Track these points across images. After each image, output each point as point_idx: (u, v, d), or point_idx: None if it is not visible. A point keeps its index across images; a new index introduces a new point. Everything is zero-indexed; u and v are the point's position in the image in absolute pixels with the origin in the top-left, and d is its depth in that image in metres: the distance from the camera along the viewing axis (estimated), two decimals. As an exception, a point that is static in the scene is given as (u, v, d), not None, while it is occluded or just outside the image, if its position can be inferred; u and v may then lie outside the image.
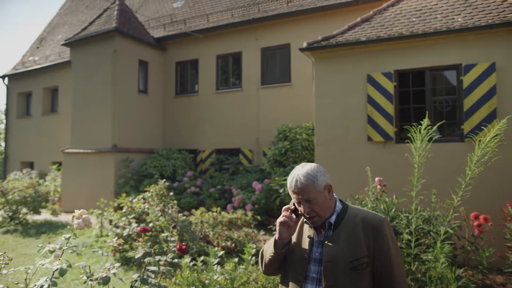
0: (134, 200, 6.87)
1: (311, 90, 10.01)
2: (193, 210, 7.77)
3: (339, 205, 1.89)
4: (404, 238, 4.02)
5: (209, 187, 10.76)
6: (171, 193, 6.69)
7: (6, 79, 18.89)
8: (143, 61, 13.14)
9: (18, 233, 9.13)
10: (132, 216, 6.58)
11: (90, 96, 12.51)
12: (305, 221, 1.90)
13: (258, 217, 7.77)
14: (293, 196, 1.83)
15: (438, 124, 4.24)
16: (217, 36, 12.85)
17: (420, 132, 3.84)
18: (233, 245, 6.36)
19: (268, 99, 11.74)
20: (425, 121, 3.86)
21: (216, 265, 3.94)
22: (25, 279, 2.65)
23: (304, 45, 7.83)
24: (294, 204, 1.90)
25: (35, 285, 2.44)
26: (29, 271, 2.70)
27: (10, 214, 10.07)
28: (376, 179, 4.62)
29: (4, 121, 20.07)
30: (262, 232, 7.30)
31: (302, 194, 1.78)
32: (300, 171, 1.81)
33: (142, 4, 17.16)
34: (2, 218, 10.02)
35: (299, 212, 1.87)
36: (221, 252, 4.08)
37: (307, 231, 1.91)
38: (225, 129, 12.48)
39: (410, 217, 4.07)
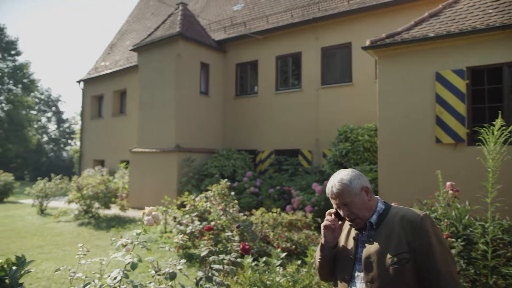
0: (196, 199, 7.07)
1: (373, 89, 9.67)
2: (253, 210, 7.83)
3: (381, 206, 1.95)
4: (479, 249, 3.72)
5: (268, 187, 10.79)
6: (232, 193, 6.79)
7: (82, 83, 20.45)
8: (204, 63, 13.53)
9: (91, 225, 9.81)
10: (195, 214, 6.77)
11: (155, 98, 13.12)
12: (350, 223, 1.96)
13: (318, 219, 7.64)
14: (332, 202, 1.95)
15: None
16: (276, 37, 12.87)
17: (493, 133, 3.53)
18: (293, 246, 6.31)
19: (328, 99, 11.53)
20: (498, 122, 3.55)
21: (278, 267, 3.91)
22: (100, 270, 2.80)
23: (367, 43, 7.58)
24: (336, 209, 1.99)
25: (109, 276, 2.57)
26: (103, 262, 2.85)
27: (85, 208, 10.88)
28: (448, 183, 4.32)
29: (80, 122, 21.68)
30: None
31: (339, 199, 1.90)
32: (335, 178, 1.94)
33: (204, 8, 17.67)
34: (78, 211, 10.87)
35: (342, 216, 1.96)
36: (284, 254, 4.04)
37: (353, 233, 1.98)
38: (284, 130, 12.45)
39: (486, 226, 3.75)
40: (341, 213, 1.94)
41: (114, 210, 11.83)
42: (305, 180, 10.29)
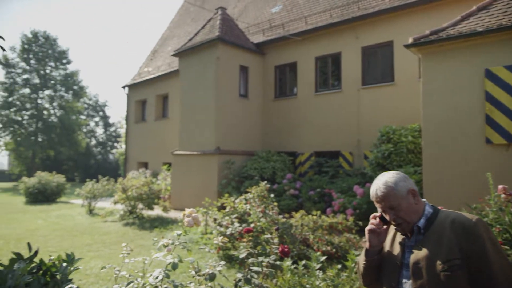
0: (236, 201, 7.13)
1: (416, 89, 9.33)
2: (293, 213, 7.78)
3: (428, 209, 1.87)
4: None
5: (308, 190, 10.69)
6: (272, 195, 6.78)
7: (127, 88, 21.30)
8: (243, 66, 13.64)
9: (136, 225, 10.15)
10: (235, 216, 6.82)
11: (196, 101, 13.39)
12: (395, 228, 1.90)
13: (360, 223, 7.46)
14: (377, 205, 1.89)
15: None
16: (315, 37, 12.75)
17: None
18: (334, 250, 6.20)
19: (370, 99, 11.26)
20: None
21: (318, 270, 3.86)
22: (143, 269, 2.88)
23: (410, 41, 7.33)
24: (381, 213, 1.93)
25: (151, 275, 2.65)
26: (146, 261, 2.94)
27: (130, 208, 11.29)
28: (500, 187, 4.07)
29: (125, 126, 22.58)
30: (364, 239, 6.99)
31: (384, 202, 1.83)
32: (379, 180, 1.88)
33: (242, 12, 17.84)
34: (123, 211, 11.30)
35: (388, 220, 1.90)
36: (323, 258, 3.98)
37: (399, 238, 1.92)
38: (324, 132, 12.29)
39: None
40: (387, 217, 1.88)
41: (157, 211, 12.17)
42: (346, 182, 10.10)
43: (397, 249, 1.89)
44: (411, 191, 1.84)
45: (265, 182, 6.87)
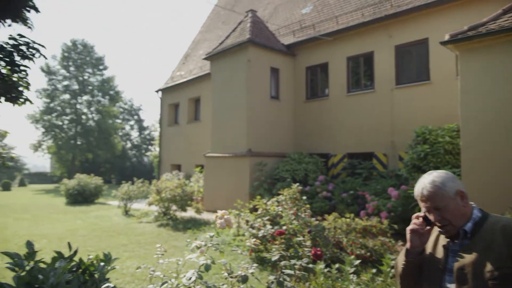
0: (268, 203, 7.12)
1: (454, 87, 8.99)
2: (325, 215, 7.68)
3: (477, 213, 1.78)
4: None
5: (341, 192, 10.53)
6: (304, 197, 6.72)
7: (160, 92, 21.82)
8: (274, 68, 13.64)
9: (169, 227, 10.34)
10: (267, 218, 6.81)
11: (227, 104, 13.51)
12: (440, 230, 1.82)
13: (395, 226, 7.26)
14: (421, 205, 1.81)
15: None
16: (347, 37, 12.56)
17: None
18: (368, 254, 6.06)
19: (404, 99, 10.95)
20: None
21: (352, 274, 3.78)
22: (176, 270, 2.92)
23: (446, 37, 7.08)
24: (425, 213, 1.85)
25: (185, 276, 2.69)
26: (179, 262, 2.98)
27: (163, 210, 11.52)
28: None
29: (159, 129, 23.12)
30: (400, 242, 6.80)
31: (430, 202, 1.76)
32: (426, 179, 1.80)
33: (273, 14, 17.85)
34: (157, 213, 11.55)
35: (432, 221, 1.82)
36: (357, 262, 3.90)
37: (443, 240, 1.84)
38: (357, 133, 12.08)
39: None
40: (431, 217, 1.79)
41: (190, 213, 12.36)
42: (380, 184, 9.86)
43: (440, 252, 1.81)
44: (460, 193, 1.77)
45: (297, 184, 6.81)
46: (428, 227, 1.84)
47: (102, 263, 2.87)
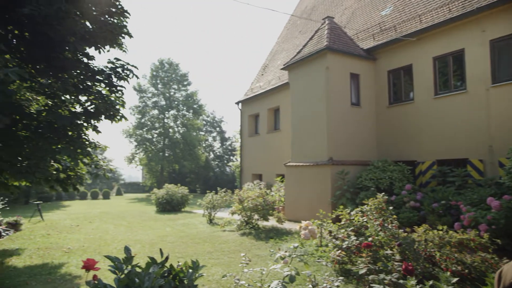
0: (352, 213, 6.86)
1: None
2: (414, 227, 7.17)
3: None
4: None
5: (431, 202, 9.78)
6: (390, 207, 6.36)
7: (240, 104, 22.47)
8: (354, 74, 13.26)
9: (252, 236, 10.48)
10: (351, 228, 6.56)
11: (307, 112, 13.41)
12: None
13: (498, 241, 6.52)
14: None
15: None
16: (432, 36, 11.77)
17: None
18: (466, 271, 5.50)
19: (502, 99, 9.88)
20: None
21: (449, 293, 3.45)
22: (260, 279, 2.91)
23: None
24: None
25: (269, 286, 2.66)
26: (263, 272, 2.96)
27: (246, 219, 11.74)
28: None
29: (239, 139, 23.79)
30: (505, 260, 6.06)
31: None
32: None
33: (350, 18, 17.44)
34: (240, 222, 11.80)
35: None
36: (455, 279, 3.54)
37: None
38: (447, 138, 11.18)
39: None
40: None
41: (271, 222, 12.42)
42: (476, 193, 8.96)
43: None
44: None
45: (383, 193, 6.47)
46: None
47: (190, 270, 2.97)
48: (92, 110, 8.04)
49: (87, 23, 7.69)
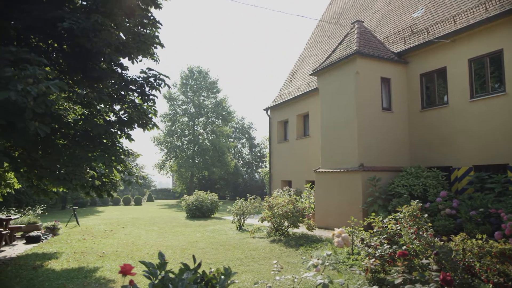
0: (385, 220, 6.69)
1: None
2: (451, 235, 6.90)
3: None
4: None
5: (468, 209, 9.40)
6: (425, 215, 6.15)
7: (269, 110, 22.49)
8: (385, 78, 13.01)
9: (282, 243, 10.40)
10: (384, 236, 6.39)
11: (337, 118, 13.25)
12: None
13: (543, 251, 6.16)
14: None
15: None
16: (467, 37, 11.39)
17: None
18: (510, 283, 5.23)
19: (545, 101, 9.42)
20: None
21: (491, 306, 3.28)
22: (292, 287, 2.87)
23: None
24: None
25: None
26: (295, 280, 2.93)
27: (275, 225, 11.67)
28: None
29: (268, 146, 23.79)
30: (550, 270, 5.72)
31: None
32: None
33: (380, 22, 17.16)
34: (270, 228, 11.74)
35: None
36: (498, 291, 3.37)
37: None
38: (485, 142, 10.74)
39: None
40: None
41: (301, 229, 12.29)
42: (518, 201, 8.54)
43: None
44: None
45: (417, 200, 6.27)
46: None
47: (223, 277, 2.97)
48: (125, 119, 8.26)
49: (121, 35, 7.94)
